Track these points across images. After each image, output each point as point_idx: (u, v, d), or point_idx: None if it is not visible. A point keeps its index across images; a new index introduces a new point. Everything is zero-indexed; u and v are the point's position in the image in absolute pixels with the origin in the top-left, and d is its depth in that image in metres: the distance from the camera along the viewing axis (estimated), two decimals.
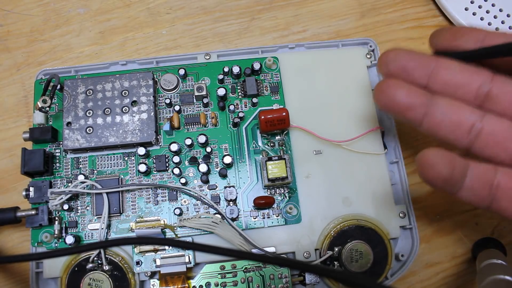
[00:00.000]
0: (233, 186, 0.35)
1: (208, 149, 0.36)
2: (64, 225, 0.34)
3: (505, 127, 0.26)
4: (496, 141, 0.26)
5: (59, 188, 0.35)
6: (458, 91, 0.27)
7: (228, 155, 0.35)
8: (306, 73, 0.38)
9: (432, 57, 0.28)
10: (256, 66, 0.37)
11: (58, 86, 0.36)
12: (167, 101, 0.36)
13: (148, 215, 0.35)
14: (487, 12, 0.42)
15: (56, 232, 0.33)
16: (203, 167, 0.34)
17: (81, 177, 0.35)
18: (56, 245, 0.34)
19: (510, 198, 0.25)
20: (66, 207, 0.34)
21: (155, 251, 0.33)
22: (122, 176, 0.35)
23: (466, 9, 0.42)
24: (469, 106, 0.27)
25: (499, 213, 0.25)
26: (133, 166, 0.36)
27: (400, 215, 0.35)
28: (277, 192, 0.35)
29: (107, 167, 0.36)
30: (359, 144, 0.37)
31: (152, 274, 0.33)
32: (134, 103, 0.36)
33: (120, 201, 0.34)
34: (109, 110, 0.36)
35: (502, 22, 0.42)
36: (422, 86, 0.28)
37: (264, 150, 0.36)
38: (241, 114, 0.36)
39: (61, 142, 0.36)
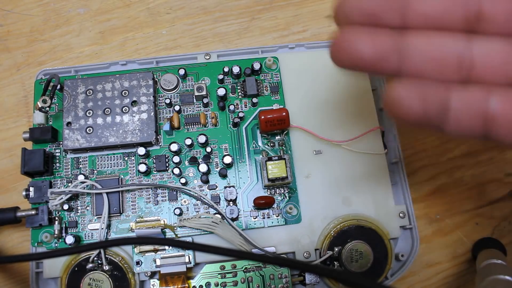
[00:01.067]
0: (233, 186, 0.35)
1: (208, 149, 0.36)
2: (64, 225, 0.34)
3: (499, 47, 0.21)
4: (493, 69, 0.21)
5: (59, 188, 0.35)
6: (441, 21, 0.21)
7: (228, 155, 0.35)
8: (306, 73, 0.38)
9: None
10: (256, 66, 0.37)
11: (58, 86, 0.36)
12: (167, 101, 0.36)
13: (148, 215, 0.35)
14: None
15: (56, 232, 0.33)
16: (203, 167, 0.34)
17: (81, 177, 0.35)
18: (56, 245, 0.34)
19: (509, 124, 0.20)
20: (66, 207, 0.34)
21: (155, 251, 0.33)
22: (122, 176, 0.35)
23: None
24: (452, 35, 0.21)
25: (498, 143, 0.21)
26: (133, 166, 0.36)
27: (400, 215, 0.35)
28: (277, 192, 0.35)
29: (107, 167, 0.36)
30: (359, 144, 0.36)
31: (152, 274, 0.33)
32: (134, 103, 0.36)
33: (120, 201, 0.34)
34: (109, 110, 0.36)
35: None
36: (394, 28, 0.22)
37: (264, 150, 0.36)
38: (241, 114, 0.36)
39: (61, 142, 0.36)
